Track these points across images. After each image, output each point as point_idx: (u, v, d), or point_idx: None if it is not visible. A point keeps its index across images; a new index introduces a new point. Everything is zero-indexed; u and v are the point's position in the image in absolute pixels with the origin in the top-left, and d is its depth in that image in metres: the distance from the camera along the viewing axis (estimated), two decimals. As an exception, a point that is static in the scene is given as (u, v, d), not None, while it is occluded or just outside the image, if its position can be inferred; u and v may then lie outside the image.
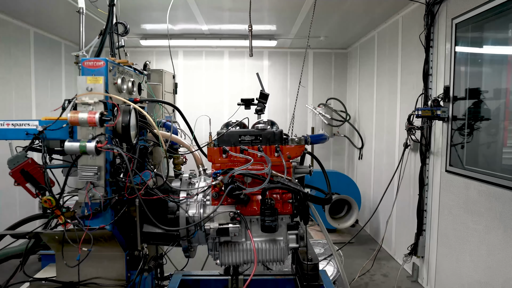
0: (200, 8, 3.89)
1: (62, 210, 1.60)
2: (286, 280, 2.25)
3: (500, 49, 2.70)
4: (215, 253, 1.89)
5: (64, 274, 1.83)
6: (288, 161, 1.89)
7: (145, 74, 2.21)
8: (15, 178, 1.65)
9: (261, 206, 1.77)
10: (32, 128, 1.66)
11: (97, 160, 1.60)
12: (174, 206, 1.83)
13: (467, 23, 2.75)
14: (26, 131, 1.66)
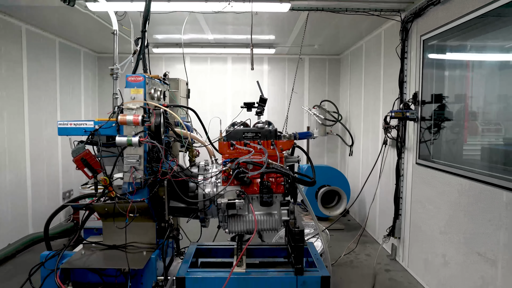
0: (207, 22, 4.43)
1: (113, 186, 2.15)
2: (280, 249, 2.80)
3: (460, 61, 3.25)
4: (224, 224, 2.44)
5: (109, 239, 2.38)
6: (280, 152, 2.44)
7: (168, 84, 2.76)
8: (77, 164, 2.20)
9: (260, 186, 2.33)
10: (89, 127, 2.21)
11: (138, 150, 2.15)
12: (193, 186, 2.38)
13: (432, 39, 3.30)
14: (84, 129, 2.21)
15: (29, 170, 4.47)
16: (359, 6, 3.58)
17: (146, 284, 2.24)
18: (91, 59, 6.15)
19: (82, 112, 5.84)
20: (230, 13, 3.58)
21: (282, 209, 2.44)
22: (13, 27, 4.19)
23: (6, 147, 4.08)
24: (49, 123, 4.88)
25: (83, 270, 2.20)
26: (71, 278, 2.22)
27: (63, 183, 5.24)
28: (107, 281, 2.18)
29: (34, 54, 4.56)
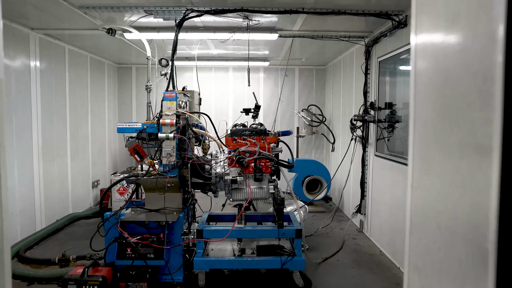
0: (213, 42, 5.49)
1: (157, 167, 3.21)
2: (269, 215, 3.86)
3: (404, 77, 4.31)
4: (229, 194, 3.49)
5: (149, 205, 3.43)
6: (268, 145, 3.50)
7: (188, 96, 3.81)
8: (130, 152, 3.26)
9: (254, 168, 3.38)
10: (138, 127, 3.27)
11: (172, 143, 3.20)
12: (208, 168, 3.44)
13: (385, 61, 4.36)
14: (135, 128, 3.27)
15: (69, 162, 5.52)
16: (331, 34, 4.64)
17: (176, 233, 3.29)
18: (113, 69, 7.21)
19: (106, 114, 6.90)
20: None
21: (269, 184, 3.50)
22: (59, 48, 5.25)
23: (55, 144, 5.13)
24: (83, 124, 5.94)
25: (133, 224, 3.25)
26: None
27: (92, 174, 6.30)
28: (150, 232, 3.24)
29: (73, 68, 5.61)
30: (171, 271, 3.22)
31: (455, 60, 1.08)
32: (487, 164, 0.88)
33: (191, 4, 3.54)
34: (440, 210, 1.19)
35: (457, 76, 1.07)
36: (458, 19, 1.03)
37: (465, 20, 1.00)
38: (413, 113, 1.32)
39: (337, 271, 3.75)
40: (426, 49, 1.26)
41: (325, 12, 3.61)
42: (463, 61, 1.02)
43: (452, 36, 1.12)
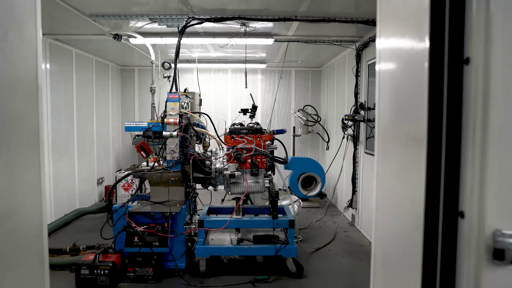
0: (212, 46, 5.77)
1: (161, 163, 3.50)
2: (265, 208, 4.15)
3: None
4: (228, 188, 3.78)
5: (154, 197, 3.72)
6: (264, 142, 3.79)
7: (189, 97, 4.10)
8: (137, 149, 3.55)
9: (251, 163, 3.67)
10: (144, 126, 3.56)
11: (175, 140, 3.49)
12: (208, 163, 3.73)
13: (374, 64, 4.66)
14: (141, 127, 3.56)
15: (76, 160, 5.81)
16: (324, 38, 4.93)
17: (179, 223, 3.59)
18: (116, 71, 7.50)
19: (110, 114, 7.18)
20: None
21: (265, 179, 3.80)
22: (67, 51, 5.54)
23: (63, 142, 5.41)
24: (88, 124, 6.23)
25: (139, 215, 3.54)
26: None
27: (97, 171, 6.58)
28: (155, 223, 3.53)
29: (80, 71, 5.90)
30: (175, 258, 3.51)
31: (403, 67, 1.37)
32: (421, 150, 1.18)
33: (192, 13, 3.84)
34: (395, 190, 1.49)
35: (404, 81, 1.37)
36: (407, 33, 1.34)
37: (409, 34, 1.30)
38: (377, 111, 1.62)
39: (328, 259, 4.04)
40: (386, 55, 1.56)
41: (316, 19, 3.90)
42: (408, 69, 1.32)
43: (401, 47, 1.42)
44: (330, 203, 5.66)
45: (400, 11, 1.42)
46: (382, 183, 1.62)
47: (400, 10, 1.44)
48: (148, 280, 3.43)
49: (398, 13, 1.43)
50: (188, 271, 3.63)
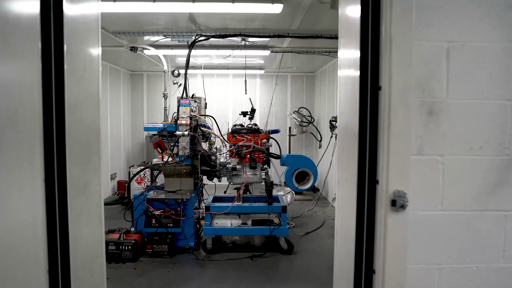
0: (216, 55, 6.44)
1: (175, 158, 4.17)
2: (262, 197, 4.82)
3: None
4: (230, 179, 4.45)
5: (168, 187, 4.39)
6: (261, 140, 4.46)
7: (197, 102, 4.77)
8: (154, 146, 4.22)
9: (250, 158, 4.35)
10: (160, 126, 4.23)
11: (186, 139, 4.16)
12: (214, 158, 4.40)
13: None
14: (157, 128, 4.23)
15: (93, 156, 6.47)
16: (315, 50, 5.61)
17: (189, 209, 4.26)
18: (127, 76, 8.17)
19: (121, 115, 7.85)
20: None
21: (262, 171, 4.47)
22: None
23: (82, 140, 6.07)
24: (103, 125, 6.89)
25: (155, 202, 4.20)
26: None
27: (110, 167, 7.25)
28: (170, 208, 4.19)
29: (96, 76, 6.56)
30: (186, 237, 4.19)
31: (351, 77, 2.02)
32: (355, 142, 1.83)
33: (200, 30, 4.51)
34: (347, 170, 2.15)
35: (351, 88, 2.03)
36: (352, 52, 2.01)
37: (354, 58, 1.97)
38: (339, 112, 2.29)
39: (315, 241, 4.71)
40: (343, 63, 2.22)
41: (305, 36, 4.57)
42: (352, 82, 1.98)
43: (349, 65, 2.11)
44: (320, 195, 6.34)
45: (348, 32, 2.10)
46: (341, 167, 2.29)
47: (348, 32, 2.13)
48: (164, 255, 4.10)
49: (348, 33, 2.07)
50: (197, 248, 4.30)
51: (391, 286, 1.75)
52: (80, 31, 1.92)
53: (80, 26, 1.93)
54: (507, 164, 1.73)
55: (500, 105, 1.71)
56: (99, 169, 2.27)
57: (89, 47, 2.08)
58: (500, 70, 1.70)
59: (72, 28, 1.79)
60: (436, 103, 1.70)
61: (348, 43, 2.05)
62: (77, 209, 1.90)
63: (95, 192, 2.19)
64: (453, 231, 1.75)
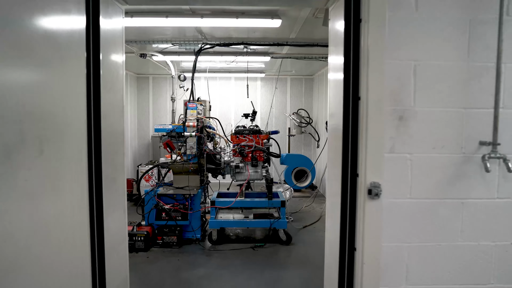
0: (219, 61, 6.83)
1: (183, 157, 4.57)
2: (263, 193, 5.20)
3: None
4: (234, 177, 4.84)
5: (176, 183, 4.78)
6: (262, 141, 4.85)
7: (202, 105, 5.16)
8: (164, 146, 4.60)
9: (251, 157, 4.74)
10: (169, 128, 4.61)
11: (194, 139, 4.55)
12: (218, 157, 4.79)
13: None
14: (167, 129, 4.61)
15: (104, 156, 6.86)
16: (312, 56, 5.99)
17: (196, 203, 4.64)
18: (133, 79, 8.56)
19: (128, 117, 8.23)
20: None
21: (262, 169, 4.85)
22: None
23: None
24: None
25: (165, 197, 4.59)
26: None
27: (119, 166, 7.63)
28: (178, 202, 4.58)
29: (106, 80, 6.95)
30: (194, 229, 4.58)
31: (337, 82, 2.41)
32: (339, 142, 2.22)
33: (205, 39, 4.89)
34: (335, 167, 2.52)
35: (337, 92, 2.41)
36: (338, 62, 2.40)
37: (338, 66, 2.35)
38: (329, 113, 2.67)
39: (312, 233, 5.10)
40: (333, 68, 2.61)
41: (302, 44, 4.96)
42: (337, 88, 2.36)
43: (335, 66, 2.48)
44: (318, 192, 6.73)
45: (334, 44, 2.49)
46: (330, 163, 2.68)
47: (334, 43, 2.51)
48: (173, 245, 4.49)
49: (335, 42, 2.47)
50: (203, 239, 4.69)
51: (369, 261, 2.14)
52: (110, 45, 2.30)
53: (110, 39, 2.30)
54: (463, 160, 2.11)
55: (457, 112, 2.10)
56: (123, 166, 2.66)
57: (116, 59, 2.46)
58: (456, 83, 2.08)
59: (105, 41, 2.16)
60: (405, 111, 2.09)
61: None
62: (108, 200, 2.29)
63: (120, 186, 2.58)
64: (419, 215, 2.14)
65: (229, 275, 3.74)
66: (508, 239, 2.17)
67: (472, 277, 2.18)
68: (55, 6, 1.66)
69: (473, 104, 2.10)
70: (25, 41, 1.43)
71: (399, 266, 2.17)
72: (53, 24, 1.64)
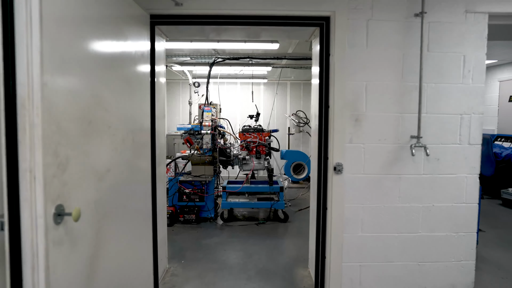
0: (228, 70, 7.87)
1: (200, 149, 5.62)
2: (265, 181, 6.24)
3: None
4: (241, 167, 5.88)
5: (194, 172, 5.83)
6: (264, 137, 5.89)
7: (215, 108, 6.20)
8: (184, 141, 5.65)
9: (256, 151, 5.78)
10: (189, 127, 5.66)
11: (209, 136, 5.59)
12: (229, 151, 5.83)
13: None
14: (188, 128, 5.66)
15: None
16: (307, 65, 7.02)
17: (210, 188, 5.69)
18: (150, 84, 9.62)
19: (146, 117, 9.28)
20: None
21: (264, 161, 5.90)
22: (123, 72, 7.67)
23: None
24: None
25: (185, 184, 5.64)
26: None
27: (139, 161, 8.70)
28: (196, 187, 5.62)
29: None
30: (209, 209, 5.63)
31: (316, 88, 3.44)
32: (315, 138, 3.26)
33: (218, 54, 5.94)
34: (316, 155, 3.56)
35: (315, 97, 3.45)
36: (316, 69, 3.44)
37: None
38: (313, 114, 3.70)
39: (305, 215, 6.12)
40: (314, 75, 3.64)
41: (299, 58, 5.99)
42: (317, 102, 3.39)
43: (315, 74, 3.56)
44: (312, 182, 7.79)
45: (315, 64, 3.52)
46: (313, 152, 3.71)
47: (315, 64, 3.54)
48: (192, 222, 5.54)
49: (315, 64, 3.50)
50: (215, 218, 5.74)
51: (336, 217, 3.17)
52: (158, 63, 3.34)
53: (158, 58, 3.34)
54: (399, 148, 3.14)
55: (395, 116, 3.12)
56: (164, 163, 3.70)
57: (160, 75, 3.50)
58: (394, 96, 3.11)
59: (156, 60, 3.21)
60: (359, 115, 3.12)
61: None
62: (159, 188, 3.33)
63: (163, 178, 3.62)
64: (370, 185, 3.17)
65: (238, 242, 4.78)
66: (431, 202, 3.19)
67: (406, 228, 3.21)
68: (140, 61, 2.70)
69: (405, 110, 3.12)
70: (127, 78, 2.48)
71: (357, 220, 3.20)
72: (137, 67, 2.68)
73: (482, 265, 3.91)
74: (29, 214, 1.44)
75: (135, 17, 2.66)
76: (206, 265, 4.01)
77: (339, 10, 3.03)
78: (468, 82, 3.12)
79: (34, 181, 1.44)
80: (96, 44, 1.98)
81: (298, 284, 3.58)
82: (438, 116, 3.13)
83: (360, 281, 3.22)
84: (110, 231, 2.12)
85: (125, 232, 2.44)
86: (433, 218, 3.21)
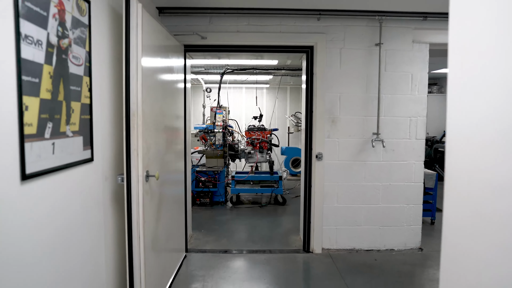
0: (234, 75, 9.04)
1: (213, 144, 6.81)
2: (267, 172, 7.41)
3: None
4: (247, 160, 7.05)
5: (208, 164, 7.01)
6: (266, 135, 7.05)
7: (224, 110, 7.37)
8: (199, 138, 6.83)
9: (259, 146, 6.95)
10: (204, 126, 6.84)
11: (220, 134, 6.76)
12: (237, 146, 7.01)
13: (332, 90, 7.89)
14: (203, 127, 6.84)
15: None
16: (303, 73, 8.17)
17: (221, 177, 6.87)
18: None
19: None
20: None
21: (266, 155, 7.07)
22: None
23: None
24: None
25: (201, 173, 6.82)
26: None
27: (156, 156, 9.90)
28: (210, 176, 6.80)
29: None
30: (220, 194, 6.81)
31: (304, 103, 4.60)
32: (303, 134, 4.44)
33: (228, 66, 7.12)
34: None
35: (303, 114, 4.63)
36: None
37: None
38: (303, 116, 4.87)
39: (301, 200, 7.27)
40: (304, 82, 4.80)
41: (294, 69, 7.14)
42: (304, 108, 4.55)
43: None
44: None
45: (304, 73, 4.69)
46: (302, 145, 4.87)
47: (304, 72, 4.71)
48: (206, 205, 6.72)
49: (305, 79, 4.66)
50: (226, 202, 6.92)
51: (318, 191, 4.33)
52: (187, 73, 4.51)
53: (187, 71, 4.51)
54: (364, 142, 4.29)
55: (361, 118, 4.28)
56: (190, 149, 4.87)
57: (187, 82, 4.67)
58: (361, 104, 4.26)
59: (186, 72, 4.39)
60: (335, 117, 4.28)
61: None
62: (187, 175, 4.51)
63: (189, 167, 4.79)
64: (342, 169, 4.32)
65: (244, 218, 5.96)
66: (388, 182, 4.34)
67: (370, 201, 4.36)
68: (177, 76, 3.87)
69: (368, 114, 4.28)
70: (167, 88, 3.65)
71: (333, 194, 4.35)
72: (177, 78, 3.85)
73: (430, 232, 5.06)
74: (136, 174, 2.62)
75: (174, 47, 3.84)
76: (220, 233, 5.18)
77: (320, 41, 4.18)
78: (415, 94, 4.27)
79: (137, 156, 2.62)
80: (160, 75, 3.16)
81: (291, 245, 4.74)
82: (393, 118, 4.28)
83: (336, 239, 4.38)
84: (165, 194, 3.30)
85: (171, 198, 3.62)
86: (390, 194, 4.36)
